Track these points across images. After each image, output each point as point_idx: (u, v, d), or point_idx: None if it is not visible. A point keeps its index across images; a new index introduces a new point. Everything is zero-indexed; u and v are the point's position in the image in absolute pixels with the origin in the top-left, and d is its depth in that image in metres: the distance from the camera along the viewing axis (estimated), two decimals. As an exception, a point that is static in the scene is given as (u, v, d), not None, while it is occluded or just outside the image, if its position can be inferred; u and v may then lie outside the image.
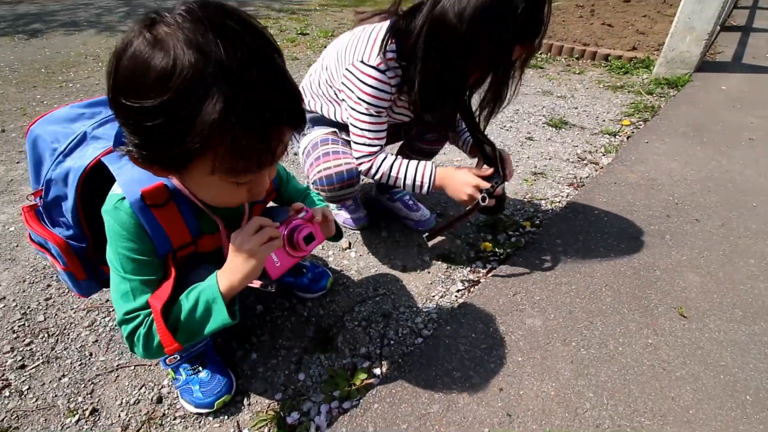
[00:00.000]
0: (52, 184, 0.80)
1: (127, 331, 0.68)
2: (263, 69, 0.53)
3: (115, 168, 0.70)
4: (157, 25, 0.51)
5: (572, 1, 5.59)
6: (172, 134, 0.51)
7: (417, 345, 1.05)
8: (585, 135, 2.18)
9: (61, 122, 0.83)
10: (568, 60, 3.48)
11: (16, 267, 1.38)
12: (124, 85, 0.52)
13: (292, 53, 3.70)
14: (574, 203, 1.59)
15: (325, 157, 1.16)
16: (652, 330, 1.08)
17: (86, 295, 0.96)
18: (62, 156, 0.79)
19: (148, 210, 0.68)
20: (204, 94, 0.49)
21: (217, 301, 0.68)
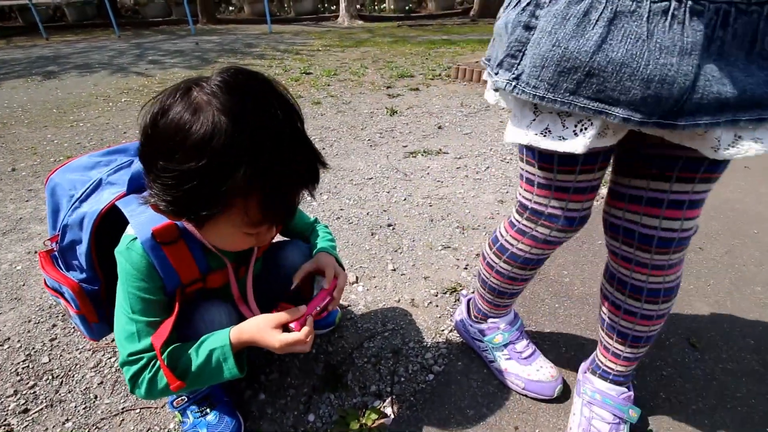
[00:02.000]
0: (68, 228, 0.82)
1: (130, 372, 0.69)
2: (289, 138, 0.57)
3: (129, 211, 0.73)
4: (195, 93, 0.55)
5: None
6: (201, 196, 0.56)
7: (428, 382, 1.04)
8: (584, 165, 2.23)
9: (79, 170, 0.87)
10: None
11: (22, 306, 1.37)
12: (162, 146, 0.55)
13: (296, 92, 3.84)
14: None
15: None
16: (665, 362, 1.07)
17: (97, 338, 0.96)
18: (78, 202, 0.82)
19: (159, 248, 0.70)
20: (236, 162, 0.53)
21: (228, 361, 0.70)
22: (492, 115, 3.10)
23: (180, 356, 0.70)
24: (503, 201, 1.88)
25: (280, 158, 0.56)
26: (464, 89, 3.85)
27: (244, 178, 0.53)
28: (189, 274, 0.75)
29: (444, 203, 1.87)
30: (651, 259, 0.71)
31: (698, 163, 0.62)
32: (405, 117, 3.09)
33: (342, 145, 2.58)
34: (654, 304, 0.76)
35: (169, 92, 0.57)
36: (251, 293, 0.86)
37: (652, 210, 0.68)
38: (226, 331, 0.72)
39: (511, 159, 2.32)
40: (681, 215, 0.66)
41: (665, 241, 0.69)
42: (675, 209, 0.66)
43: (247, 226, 0.62)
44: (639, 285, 0.76)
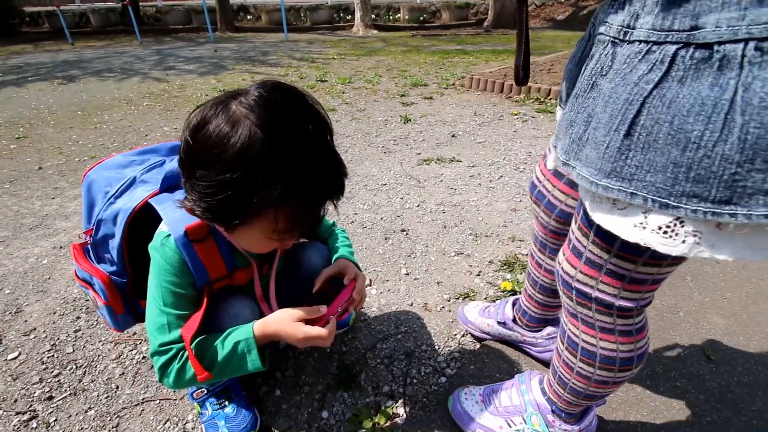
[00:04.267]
0: (102, 223, 0.86)
1: (160, 362, 0.72)
2: (320, 153, 0.61)
3: (162, 209, 0.76)
4: (234, 106, 0.58)
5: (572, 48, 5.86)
6: (235, 205, 0.59)
7: (441, 384, 1.05)
8: (597, 176, 2.23)
9: (115, 168, 0.92)
10: (577, 104, 3.61)
11: (48, 299, 1.42)
12: (201, 156, 0.59)
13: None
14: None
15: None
16: (679, 373, 1.06)
17: (121, 329, 0.99)
18: (113, 198, 0.86)
19: (190, 245, 0.74)
20: (270, 176, 0.57)
21: (252, 353, 0.73)
22: (505, 124, 3.12)
23: (207, 348, 0.73)
24: (516, 209, 1.90)
25: (311, 173, 0.59)
26: (477, 98, 3.88)
27: (274, 192, 0.57)
28: (217, 271, 0.79)
29: (457, 210, 1.89)
30: (614, 323, 0.64)
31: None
32: (418, 125, 3.13)
33: (356, 152, 2.63)
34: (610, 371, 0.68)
35: (210, 104, 0.60)
36: (273, 291, 0.89)
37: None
38: (250, 324, 0.75)
39: (524, 168, 2.33)
40: (642, 288, 0.61)
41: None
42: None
43: (274, 234, 0.65)
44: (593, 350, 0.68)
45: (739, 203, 0.41)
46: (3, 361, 1.17)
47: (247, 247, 0.78)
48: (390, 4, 12.19)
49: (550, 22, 11.53)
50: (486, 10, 11.40)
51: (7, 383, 1.10)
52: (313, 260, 0.96)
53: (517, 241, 1.66)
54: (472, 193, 2.05)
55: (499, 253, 1.59)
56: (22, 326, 1.30)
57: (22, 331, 1.28)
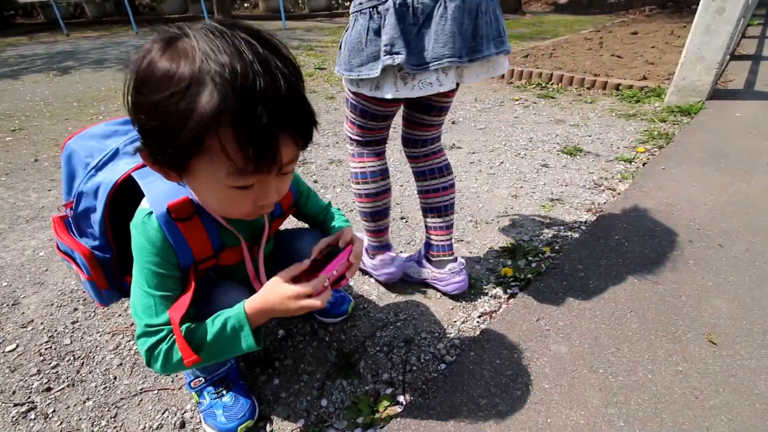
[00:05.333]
0: (83, 196, 0.82)
1: (147, 344, 0.68)
2: (267, 75, 0.52)
3: (145, 183, 0.72)
4: (175, 37, 0.54)
5: (580, 35, 5.76)
6: (170, 128, 0.53)
7: (440, 371, 1.04)
8: (600, 162, 2.20)
9: (96, 138, 0.86)
10: (579, 90, 3.55)
11: (45, 291, 1.42)
12: (136, 84, 0.55)
13: (310, 87, 3.86)
14: (593, 229, 1.59)
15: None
16: (681, 357, 1.05)
17: (106, 304, 0.97)
18: (94, 170, 0.81)
19: (173, 223, 0.69)
20: (201, 90, 0.50)
21: (245, 329, 0.69)
22: (506, 110, 3.08)
23: (196, 330, 0.70)
24: (517, 196, 1.87)
25: (250, 91, 0.51)
26: (478, 84, 3.82)
27: (207, 107, 0.50)
28: (202, 251, 0.75)
29: (458, 197, 1.86)
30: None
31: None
32: (418, 112, 3.08)
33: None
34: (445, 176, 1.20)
35: (152, 38, 0.56)
36: (263, 269, 0.86)
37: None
38: (241, 302, 0.71)
39: (525, 154, 2.30)
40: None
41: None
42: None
43: (233, 176, 0.56)
44: (432, 167, 1.18)
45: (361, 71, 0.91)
46: (1, 353, 1.16)
47: (219, 209, 0.69)
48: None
49: (552, 6, 11.31)
50: (486, -5, 11.17)
51: (5, 375, 1.10)
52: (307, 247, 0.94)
53: (518, 227, 1.64)
54: (472, 180, 2.02)
55: (500, 239, 1.57)
56: (20, 318, 1.30)
57: (20, 323, 1.27)
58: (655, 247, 1.47)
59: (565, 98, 3.34)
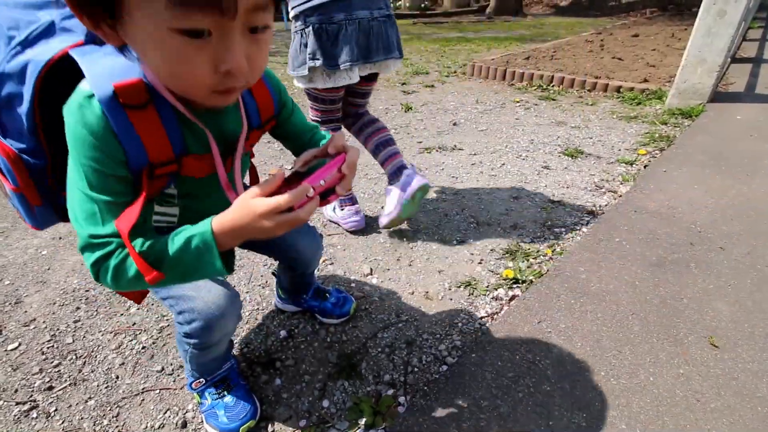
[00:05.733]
0: (5, 80, 0.63)
1: (92, 258, 0.56)
2: None
3: (86, 60, 0.56)
4: None
5: (581, 37, 5.77)
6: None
7: (442, 373, 1.04)
8: (601, 164, 2.20)
9: (24, 7, 0.67)
10: (580, 92, 3.55)
11: (47, 289, 1.42)
12: None
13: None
14: (594, 231, 1.59)
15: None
16: (683, 360, 1.05)
17: (40, 227, 0.80)
18: (21, 46, 0.63)
19: (122, 111, 0.55)
20: None
21: (211, 251, 0.55)
22: (507, 112, 3.08)
23: (153, 245, 0.57)
24: (518, 197, 1.87)
25: None
26: (479, 86, 3.83)
27: None
28: (160, 151, 0.60)
29: (459, 199, 1.87)
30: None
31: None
32: (420, 113, 3.09)
33: (356, 142, 2.59)
34: (377, 122, 1.62)
35: None
36: (239, 177, 0.73)
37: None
38: (208, 219, 0.58)
39: (527, 156, 2.30)
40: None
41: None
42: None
43: (175, 19, 0.43)
44: (365, 120, 1.61)
45: (298, 71, 1.36)
46: (3, 352, 1.17)
47: (169, 74, 0.50)
48: (390, -8, 12.01)
49: (553, 9, 11.34)
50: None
51: (8, 374, 1.10)
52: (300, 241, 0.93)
53: (519, 228, 1.64)
54: (474, 181, 2.03)
55: (501, 241, 1.57)
56: (22, 317, 1.30)
57: (22, 322, 1.27)
58: (656, 249, 1.48)
59: (567, 100, 3.34)
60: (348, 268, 1.45)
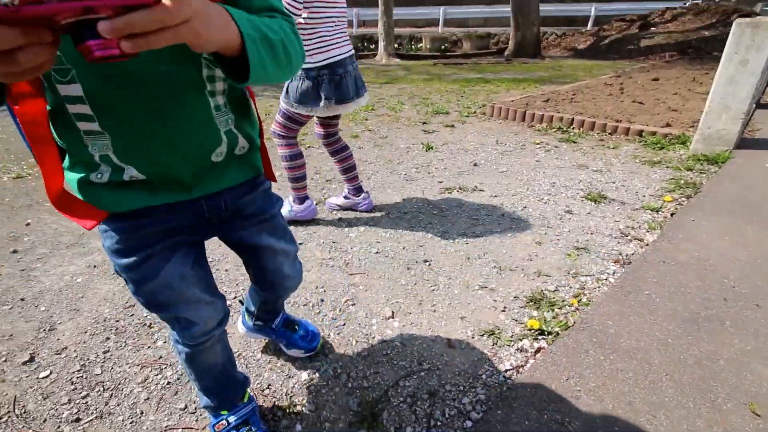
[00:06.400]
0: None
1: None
2: None
3: None
4: None
5: (601, 80, 5.86)
6: None
7: (466, 429, 1.01)
8: (626, 210, 2.18)
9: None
10: (601, 135, 3.57)
11: (80, 318, 1.47)
12: None
13: (335, 124, 4.02)
14: (622, 282, 1.56)
15: None
16: (722, 429, 1.00)
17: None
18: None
19: None
20: None
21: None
22: (528, 153, 3.12)
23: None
24: (541, 243, 1.86)
25: None
26: (499, 127, 3.90)
27: None
28: None
29: (480, 242, 1.87)
30: None
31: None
32: (440, 153, 3.15)
33: (379, 179, 2.66)
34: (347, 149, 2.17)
35: None
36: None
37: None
38: None
39: (548, 199, 2.31)
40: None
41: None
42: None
43: None
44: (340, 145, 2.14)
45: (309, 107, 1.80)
46: (35, 380, 1.20)
47: None
48: (412, 34, 12.58)
49: (571, 51, 11.60)
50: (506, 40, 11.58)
51: (38, 402, 1.12)
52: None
53: (543, 276, 1.62)
54: (495, 224, 2.03)
55: (525, 288, 1.55)
56: (55, 344, 1.34)
57: (55, 350, 1.31)
58: (688, 304, 1.43)
59: (587, 143, 3.36)
60: (369, 310, 1.45)
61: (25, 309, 1.53)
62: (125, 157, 0.61)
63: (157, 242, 0.70)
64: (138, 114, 0.57)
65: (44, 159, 0.58)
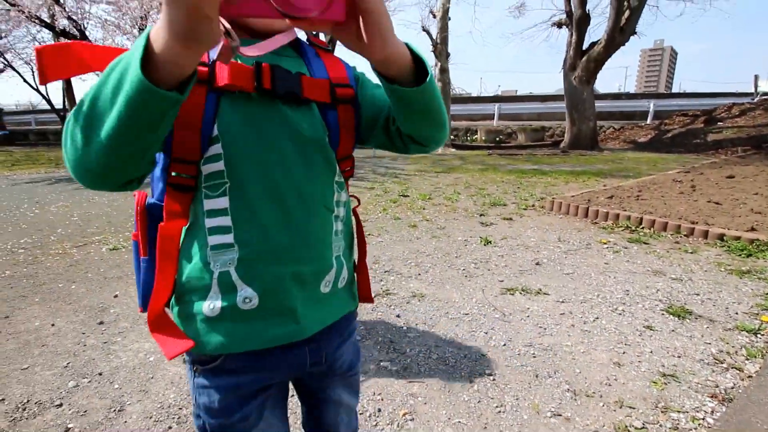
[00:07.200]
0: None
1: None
2: None
3: None
4: None
5: (668, 175, 5.67)
6: None
7: None
8: (716, 330, 1.95)
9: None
10: (676, 236, 3.36)
11: (147, 400, 1.53)
12: None
13: (395, 213, 4.19)
14: (725, 426, 1.34)
15: None
16: None
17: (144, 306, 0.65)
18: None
19: None
20: None
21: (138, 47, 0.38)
22: (594, 254, 2.98)
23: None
24: (620, 363, 1.69)
25: None
26: (560, 222, 3.83)
27: None
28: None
29: (549, 356, 1.74)
30: None
31: None
32: (499, 248, 3.12)
33: (437, 273, 2.66)
34: None
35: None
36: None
37: None
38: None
39: (623, 310, 2.14)
40: None
41: None
42: None
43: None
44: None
45: None
46: (101, 468, 1.23)
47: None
48: (468, 127, 13.36)
49: (631, 144, 11.52)
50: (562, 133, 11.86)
51: (100, 496, 1.14)
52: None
53: (627, 407, 1.44)
54: (564, 336, 1.90)
55: (605, 420, 1.38)
56: (122, 427, 1.39)
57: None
58: (820, 467, 1.18)
59: (661, 245, 3.16)
60: (430, 429, 1.36)
61: (101, 384, 1.63)
62: (247, 272, 0.59)
63: (254, 399, 0.66)
64: (273, 227, 0.59)
65: (162, 275, 0.59)
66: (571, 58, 10.45)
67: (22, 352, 1.83)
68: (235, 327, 0.60)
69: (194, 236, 0.59)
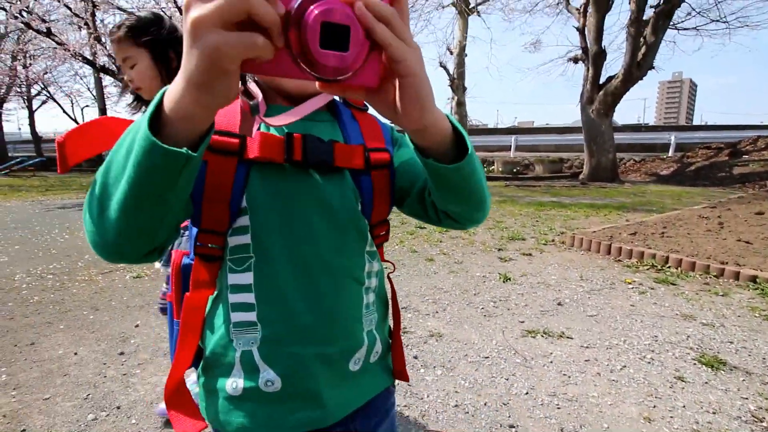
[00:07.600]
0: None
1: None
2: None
3: None
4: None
5: (693, 211, 5.52)
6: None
7: None
8: (754, 383, 1.83)
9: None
10: (704, 278, 3.23)
11: (163, 439, 1.52)
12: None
13: (411, 245, 4.19)
14: (771, 496, 1.24)
15: None
16: None
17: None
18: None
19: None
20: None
21: (150, 107, 0.36)
22: (619, 294, 2.89)
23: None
24: (651, 419, 1.60)
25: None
26: (582, 259, 3.74)
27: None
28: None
29: (575, 408, 1.66)
30: None
31: None
32: (519, 286, 3.06)
33: (455, 311, 2.61)
34: None
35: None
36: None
37: None
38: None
39: (652, 358, 2.04)
40: None
41: None
42: None
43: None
44: None
45: None
46: None
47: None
48: (484, 158, 13.44)
49: (653, 177, 11.32)
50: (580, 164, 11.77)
51: None
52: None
53: (660, 470, 1.35)
54: (590, 385, 1.82)
55: (637, 484, 1.30)
56: (137, 468, 1.38)
57: (136, 477, 1.34)
58: None
59: (689, 286, 3.04)
60: (449, 484, 1.30)
61: (118, 419, 1.64)
62: (270, 353, 0.56)
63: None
64: (298, 304, 0.56)
65: (183, 345, 0.56)
66: (588, 91, 10.53)
67: (44, 381, 1.86)
68: (258, 409, 0.57)
69: (219, 308, 0.58)
